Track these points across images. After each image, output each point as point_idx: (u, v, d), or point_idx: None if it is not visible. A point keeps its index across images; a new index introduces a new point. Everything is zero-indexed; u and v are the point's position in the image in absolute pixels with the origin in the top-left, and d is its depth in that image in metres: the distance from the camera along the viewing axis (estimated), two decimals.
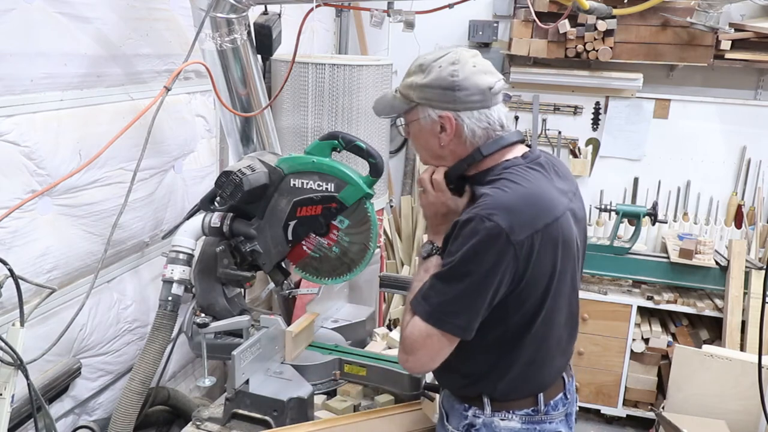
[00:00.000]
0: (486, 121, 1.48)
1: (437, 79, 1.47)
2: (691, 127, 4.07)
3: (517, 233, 1.35)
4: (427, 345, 1.42)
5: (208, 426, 1.83)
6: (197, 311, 1.98)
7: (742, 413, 2.96)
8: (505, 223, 1.34)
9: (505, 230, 1.34)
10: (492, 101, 1.49)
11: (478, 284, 1.37)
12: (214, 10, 2.04)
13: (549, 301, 1.46)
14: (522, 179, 1.44)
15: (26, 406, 1.72)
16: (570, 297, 1.55)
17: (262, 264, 1.97)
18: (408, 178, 4.50)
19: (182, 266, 1.97)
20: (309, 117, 2.75)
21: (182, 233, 2.01)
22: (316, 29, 3.73)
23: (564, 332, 1.58)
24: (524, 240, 1.36)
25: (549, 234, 1.40)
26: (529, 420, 1.53)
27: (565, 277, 1.49)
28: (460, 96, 1.46)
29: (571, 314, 1.58)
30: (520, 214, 1.37)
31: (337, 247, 1.93)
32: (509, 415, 1.53)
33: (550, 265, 1.43)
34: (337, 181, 1.85)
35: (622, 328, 3.66)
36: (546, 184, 1.47)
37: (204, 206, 2.02)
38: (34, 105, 1.74)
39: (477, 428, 1.54)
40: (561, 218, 1.44)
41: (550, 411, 1.55)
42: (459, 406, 1.57)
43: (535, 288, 1.43)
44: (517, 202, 1.39)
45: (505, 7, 4.15)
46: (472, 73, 1.47)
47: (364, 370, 1.99)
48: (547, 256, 1.41)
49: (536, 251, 1.38)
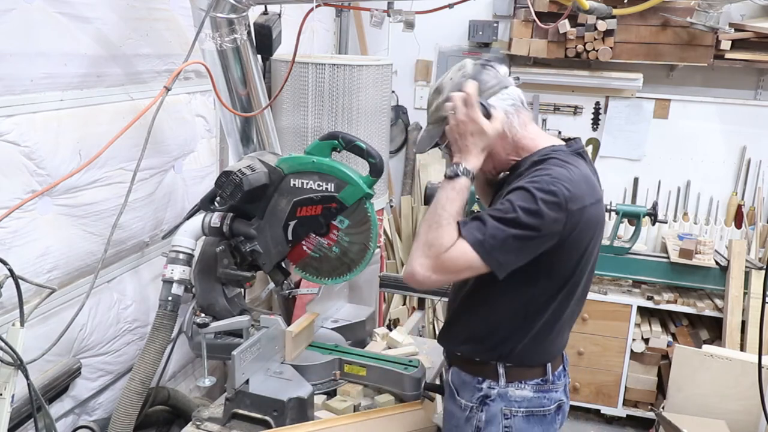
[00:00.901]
0: (509, 98, 1.60)
1: (454, 87, 1.60)
2: (691, 127, 4.07)
3: (573, 203, 1.48)
4: (463, 269, 1.50)
5: (208, 426, 1.83)
6: (197, 311, 1.98)
7: (742, 413, 2.96)
8: (567, 192, 1.47)
9: (567, 198, 1.47)
10: (506, 81, 1.62)
11: (530, 237, 1.47)
12: (214, 10, 2.04)
13: (576, 275, 1.59)
14: (571, 163, 1.56)
15: (26, 406, 1.72)
16: (589, 276, 1.66)
17: (262, 264, 1.97)
18: (408, 178, 4.50)
19: (182, 266, 1.97)
20: (309, 117, 2.75)
21: (182, 233, 2.01)
22: (316, 29, 3.73)
23: (576, 308, 1.68)
24: (576, 211, 1.49)
25: (592, 212, 1.54)
26: (539, 389, 1.65)
27: (591, 255, 1.62)
28: (480, 87, 1.57)
29: (584, 293, 1.69)
30: (578, 188, 1.50)
31: (337, 247, 1.92)
32: (522, 385, 1.64)
33: (587, 240, 1.56)
34: (337, 181, 1.85)
35: (622, 328, 3.66)
36: (589, 170, 1.61)
37: (204, 206, 2.02)
38: (34, 105, 1.74)
39: (492, 398, 1.63)
40: (602, 201, 1.61)
41: (555, 381, 1.67)
42: (472, 379, 1.66)
43: (569, 259, 1.56)
44: (575, 178, 1.51)
45: (505, 7, 4.15)
46: (478, 67, 1.63)
47: (364, 370, 2.00)
48: (587, 232, 1.55)
49: (580, 224, 1.51)
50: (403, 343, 2.33)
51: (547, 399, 1.65)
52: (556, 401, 1.67)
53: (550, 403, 1.66)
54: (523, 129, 1.61)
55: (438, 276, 1.51)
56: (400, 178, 4.54)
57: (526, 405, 1.63)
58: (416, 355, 2.22)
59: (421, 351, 2.31)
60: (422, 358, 2.12)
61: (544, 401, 1.65)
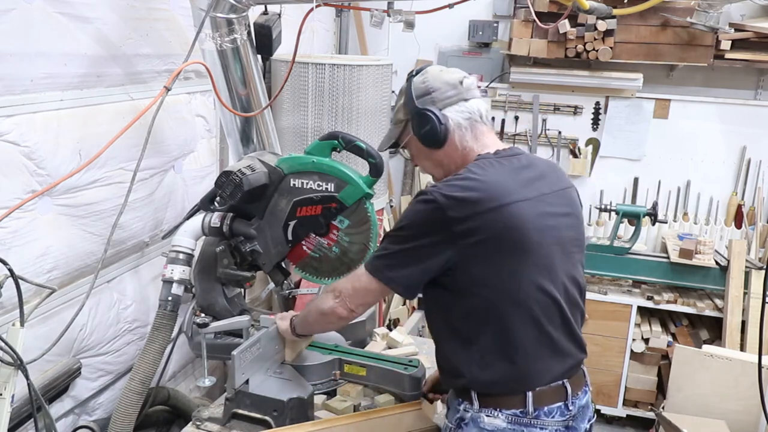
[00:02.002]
0: (466, 111, 1.61)
1: (414, 92, 1.62)
2: (691, 127, 4.07)
3: (458, 209, 1.45)
4: (360, 291, 1.60)
5: (208, 426, 1.83)
6: (197, 311, 1.98)
7: (742, 413, 2.96)
8: (443, 199, 1.45)
9: (448, 205, 1.45)
10: (467, 94, 1.62)
11: (416, 248, 1.50)
12: (214, 10, 2.04)
13: (512, 289, 1.49)
14: (482, 168, 1.54)
15: (26, 406, 1.72)
16: (550, 293, 1.53)
17: (261, 264, 1.97)
18: (408, 178, 4.50)
19: (182, 266, 1.97)
20: (309, 117, 2.75)
21: (182, 233, 2.01)
22: (316, 29, 3.73)
23: (558, 333, 1.56)
24: (470, 216, 1.45)
25: (496, 215, 1.46)
26: (516, 421, 1.51)
27: (530, 265, 1.49)
28: (436, 96, 1.60)
29: (551, 311, 1.55)
30: (464, 194, 1.46)
31: (337, 247, 1.92)
32: (495, 412, 1.52)
33: (506, 246, 1.47)
34: (337, 181, 1.85)
35: (622, 328, 3.66)
36: (505, 175, 1.54)
37: (204, 206, 2.02)
38: (34, 105, 1.74)
39: (466, 422, 1.55)
40: (512, 206, 1.48)
41: (542, 416, 1.51)
42: (455, 400, 1.61)
43: (485, 271, 1.48)
44: (472, 185, 1.48)
45: (505, 7, 4.15)
46: (440, 73, 1.63)
47: (364, 370, 1.99)
48: (497, 236, 1.46)
49: (481, 229, 1.45)
50: (403, 343, 2.33)
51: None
52: None
53: None
54: (474, 141, 1.61)
55: (357, 309, 1.63)
56: (400, 178, 4.54)
57: None
58: (416, 355, 2.22)
59: (421, 351, 2.31)
60: (422, 358, 2.12)
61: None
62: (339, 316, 1.64)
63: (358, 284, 1.60)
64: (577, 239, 1.64)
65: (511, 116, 4.26)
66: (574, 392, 1.57)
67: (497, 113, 4.24)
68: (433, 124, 1.58)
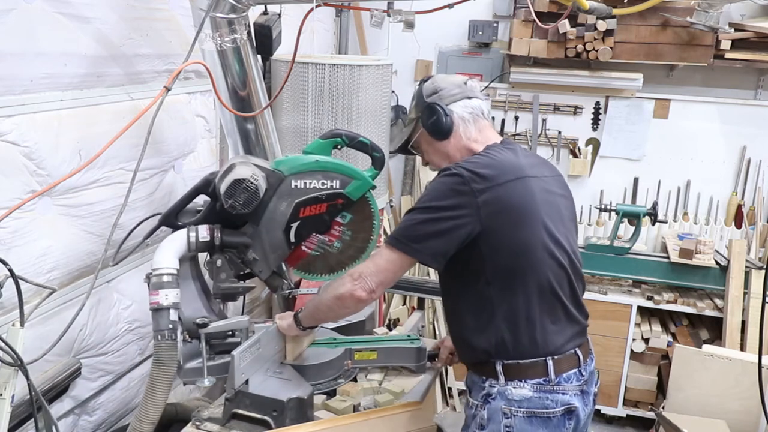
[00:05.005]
0: (469, 107, 1.81)
1: (423, 92, 1.84)
2: (691, 127, 4.07)
3: (478, 182, 1.62)
4: (382, 267, 1.69)
5: (207, 426, 1.83)
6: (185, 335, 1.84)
7: (742, 413, 2.96)
8: (470, 173, 1.63)
9: (470, 178, 1.62)
10: (471, 93, 1.82)
11: (439, 219, 1.63)
12: (214, 10, 2.03)
13: (524, 259, 1.65)
14: (492, 151, 1.75)
15: (24, 406, 1.72)
16: (558, 265, 1.69)
17: (258, 272, 1.90)
18: (408, 178, 4.50)
19: (174, 289, 1.76)
20: (309, 117, 2.75)
21: (164, 253, 1.81)
22: (316, 29, 3.73)
23: (568, 301, 1.72)
24: (485, 189, 1.62)
25: (507, 189, 1.65)
26: (540, 389, 1.65)
27: (536, 238, 1.66)
28: (443, 93, 1.80)
29: (564, 281, 1.72)
30: (488, 169, 1.65)
31: (338, 242, 1.93)
32: (521, 383, 1.65)
33: (515, 217, 1.64)
34: (342, 177, 1.85)
35: (622, 328, 3.66)
36: (511, 156, 1.75)
37: (167, 223, 1.86)
38: (34, 105, 1.74)
39: (493, 396, 1.68)
40: (524, 180, 1.68)
41: (562, 382, 1.66)
42: (478, 379, 1.73)
43: (499, 243, 1.64)
44: (486, 162, 1.68)
45: (505, 7, 4.15)
46: (446, 76, 1.87)
47: (375, 354, 2.07)
48: (510, 208, 1.64)
49: (496, 201, 1.62)
50: None
51: (550, 401, 1.65)
52: (564, 404, 1.65)
53: (555, 406, 1.65)
54: (478, 134, 1.81)
55: (377, 288, 1.68)
56: (400, 178, 4.54)
57: (526, 405, 1.64)
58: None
59: None
60: None
61: (548, 402, 1.65)
62: (358, 298, 1.68)
63: (380, 260, 1.68)
64: (572, 219, 1.85)
65: (511, 116, 4.26)
66: (584, 358, 1.73)
67: (497, 113, 4.25)
68: (439, 115, 1.77)
